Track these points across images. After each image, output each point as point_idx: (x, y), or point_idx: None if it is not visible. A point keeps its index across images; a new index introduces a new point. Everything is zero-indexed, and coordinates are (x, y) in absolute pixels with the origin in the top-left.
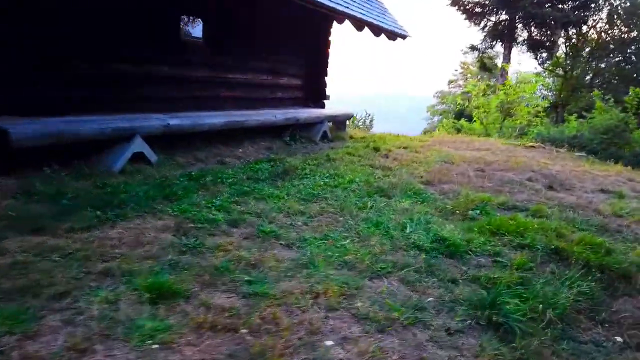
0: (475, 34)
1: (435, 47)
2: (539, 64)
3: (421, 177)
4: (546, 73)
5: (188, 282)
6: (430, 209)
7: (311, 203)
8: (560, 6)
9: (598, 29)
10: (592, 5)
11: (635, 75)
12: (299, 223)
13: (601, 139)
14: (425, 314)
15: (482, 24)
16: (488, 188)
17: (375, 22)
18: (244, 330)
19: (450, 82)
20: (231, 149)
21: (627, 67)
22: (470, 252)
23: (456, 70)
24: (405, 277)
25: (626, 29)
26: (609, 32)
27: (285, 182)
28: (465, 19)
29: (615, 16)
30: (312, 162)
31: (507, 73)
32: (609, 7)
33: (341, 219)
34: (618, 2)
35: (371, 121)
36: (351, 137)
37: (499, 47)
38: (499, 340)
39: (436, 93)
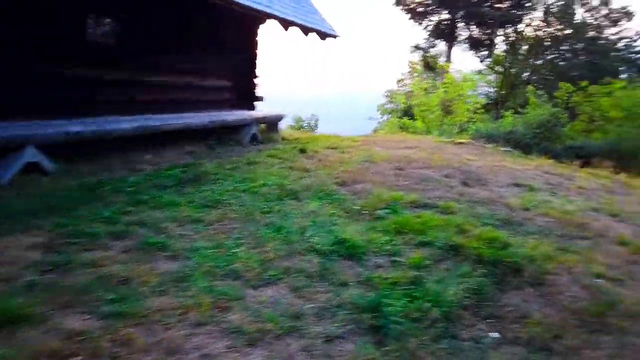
0: (420, 33)
1: (387, 46)
2: (480, 62)
3: (337, 177)
4: (487, 70)
5: (43, 304)
6: (338, 210)
7: (213, 210)
8: (498, 5)
9: (534, 27)
10: (528, 4)
11: (569, 71)
12: (192, 232)
13: (534, 133)
14: (305, 322)
15: (424, 24)
16: (403, 186)
17: (299, 21)
18: (86, 357)
19: (399, 81)
20: (147, 155)
21: (561, 63)
22: (369, 253)
23: (404, 70)
24: (294, 284)
25: (560, 26)
26: (545, 30)
27: (193, 189)
28: (409, 18)
29: (550, 15)
30: (229, 166)
31: (446, 71)
32: (544, 5)
33: (241, 225)
34: (552, 1)
35: (316, 122)
36: (284, 139)
37: (442, 46)
38: (376, 344)
39: (386, 92)
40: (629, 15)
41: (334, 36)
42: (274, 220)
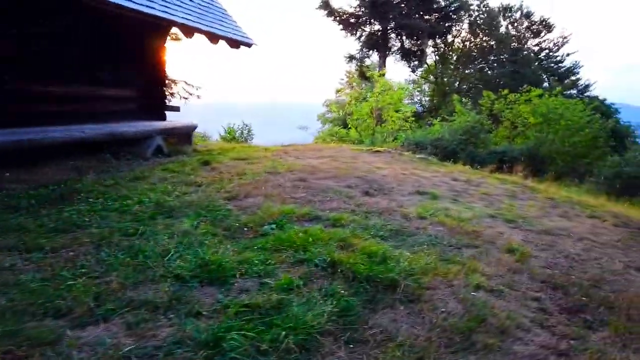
0: (354, 44)
1: (327, 56)
2: (412, 72)
3: (229, 191)
4: (420, 80)
5: None
6: (216, 228)
7: (65, 234)
8: (426, 17)
9: (462, 39)
10: (454, 16)
11: (496, 80)
12: (25, 262)
13: (460, 140)
14: None
15: (357, 34)
16: (299, 199)
17: (204, 28)
18: None
19: (338, 91)
20: (23, 172)
21: (489, 72)
22: (237, 276)
23: (342, 79)
24: (132, 319)
25: (486, 38)
26: (472, 41)
27: (54, 210)
28: (341, 29)
29: (475, 27)
30: (109, 183)
31: (376, 81)
32: (469, 18)
33: (93, 250)
34: (477, 14)
35: (249, 132)
36: (196, 151)
37: (376, 56)
38: None
39: (325, 101)
40: (548, 27)
41: (249, 44)
42: (134, 243)
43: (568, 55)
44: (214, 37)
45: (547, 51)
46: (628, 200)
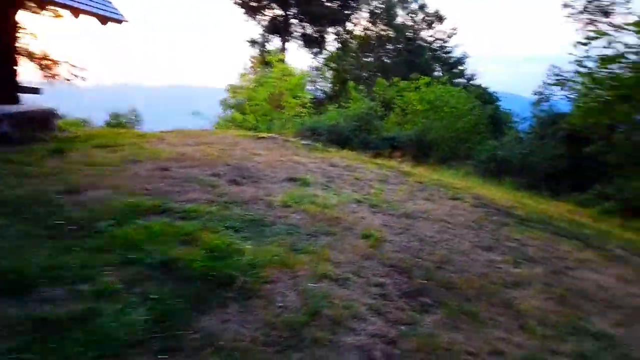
0: (256, 28)
1: (232, 40)
2: (312, 58)
3: (69, 184)
4: (324, 67)
5: None
6: (37, 228)
7: None
8: (328, 4)
9: (362, 27)
10: (354, 4)
11: (393, 68)
12: None
13: (354, 126)
14: None
15: (259, 19)
16: (153, 190)
17: (60, 0)
18: None
19: (242, 75)
20: None
21: (386, 61)
22: (44, 283)
23: (247, 64)
24: None
25: (385, 27)
26: (372, 30)
27: None
28: (244, 12)
29: (375, 16)
30: None
31: (275, 67)
32: (368, 7)
33: None
34: (376, 3)
35: (135, 117)
36: (56, 138)
37: (278, 41)
38: None
39: (227, 86)
40: (440, 18)
41: (118, 20)
42: None
43: (457, 46)
44: (74, 11)
45: (440, 42)
46: (498, 181)
